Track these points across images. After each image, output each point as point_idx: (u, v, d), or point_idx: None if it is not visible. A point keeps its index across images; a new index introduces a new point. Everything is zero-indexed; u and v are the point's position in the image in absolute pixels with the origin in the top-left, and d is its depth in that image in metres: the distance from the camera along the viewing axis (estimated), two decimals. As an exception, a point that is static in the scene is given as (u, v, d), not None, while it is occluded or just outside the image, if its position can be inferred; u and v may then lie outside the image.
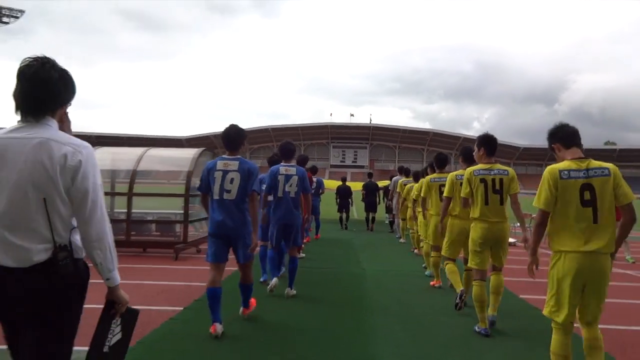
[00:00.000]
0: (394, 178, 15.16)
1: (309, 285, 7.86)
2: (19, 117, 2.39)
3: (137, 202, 11.03)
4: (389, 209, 17.57)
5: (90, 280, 2.49)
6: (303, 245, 11.20)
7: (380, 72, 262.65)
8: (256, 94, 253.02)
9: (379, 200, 18.31)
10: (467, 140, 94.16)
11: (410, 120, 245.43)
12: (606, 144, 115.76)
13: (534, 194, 4.04)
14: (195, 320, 5.72)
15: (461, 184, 5.97)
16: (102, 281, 2.50)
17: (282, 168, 7.05)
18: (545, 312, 3.93)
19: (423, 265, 9.70)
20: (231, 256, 5.47)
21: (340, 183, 18.44)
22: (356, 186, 20.69)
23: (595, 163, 3.86)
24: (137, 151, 11.69)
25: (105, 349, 2.50)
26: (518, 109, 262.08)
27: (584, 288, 3.78)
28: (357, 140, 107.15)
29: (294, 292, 7.18)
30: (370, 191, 17.87)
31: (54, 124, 2.40)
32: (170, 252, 10.50)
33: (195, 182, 10.83)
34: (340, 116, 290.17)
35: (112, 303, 2.53)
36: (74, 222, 2.39)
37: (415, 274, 9.23)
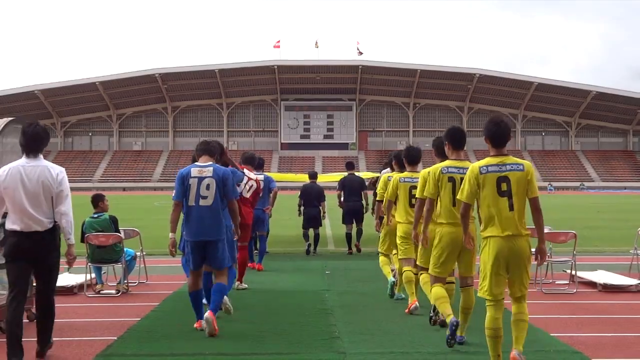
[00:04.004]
0: (383, 170, 12.00)
1: None
2: (25, 155, 6.11)
3: None
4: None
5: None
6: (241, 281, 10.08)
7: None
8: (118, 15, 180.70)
9: (366, 204, 14.73)
10: (542, 87, 71.34)
11: (436, 50, 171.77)
12: None
13: None
14: None
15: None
16: None
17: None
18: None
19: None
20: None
21: (306, 180, 15.01)
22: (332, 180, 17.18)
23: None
24: None
25: None
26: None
27: None
28: (332, 94, 74.81)
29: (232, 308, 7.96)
30: (352, 191, 14.42)
31: (42, 156, 6.19)
32: None
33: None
34: (297, 48, 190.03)
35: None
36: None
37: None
